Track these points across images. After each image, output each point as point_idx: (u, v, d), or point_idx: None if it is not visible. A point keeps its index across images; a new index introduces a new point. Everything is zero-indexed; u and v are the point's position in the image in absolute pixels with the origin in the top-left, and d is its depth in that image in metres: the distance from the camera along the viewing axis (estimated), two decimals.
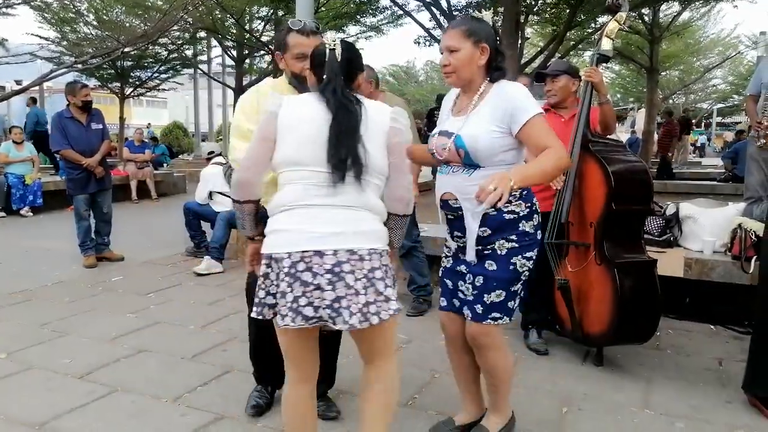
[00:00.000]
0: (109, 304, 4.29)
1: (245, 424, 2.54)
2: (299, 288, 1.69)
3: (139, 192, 10.56)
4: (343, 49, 1.86)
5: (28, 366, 3.14)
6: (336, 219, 1.74)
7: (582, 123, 3.09)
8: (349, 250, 1.70)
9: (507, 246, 2.13)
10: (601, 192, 2.96)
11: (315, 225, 1.72)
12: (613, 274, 2.92)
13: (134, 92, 16.98)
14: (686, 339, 3.63)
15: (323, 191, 1.75)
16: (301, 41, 2.25)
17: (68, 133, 5.40)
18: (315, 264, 1.68)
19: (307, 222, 1.73)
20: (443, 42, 2.13)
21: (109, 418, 2.58)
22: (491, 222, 2.12)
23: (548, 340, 3.47)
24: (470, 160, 2.10)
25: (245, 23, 13.79)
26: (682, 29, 15.98)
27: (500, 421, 2.35)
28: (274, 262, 1.75)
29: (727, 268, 3.71)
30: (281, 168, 1.85)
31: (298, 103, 1.87)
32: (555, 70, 3.38)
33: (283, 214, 1.78)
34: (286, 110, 1.84)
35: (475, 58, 2.08)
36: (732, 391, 2.86)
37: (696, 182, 10.57)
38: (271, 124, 1.84)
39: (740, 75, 25.36)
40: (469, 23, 2.10)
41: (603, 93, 3.17)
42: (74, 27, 13.73)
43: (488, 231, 2.13)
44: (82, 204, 5.48)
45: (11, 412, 2.63)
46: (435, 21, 10.45)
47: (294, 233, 1.73)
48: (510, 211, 2.12)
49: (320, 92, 1.84)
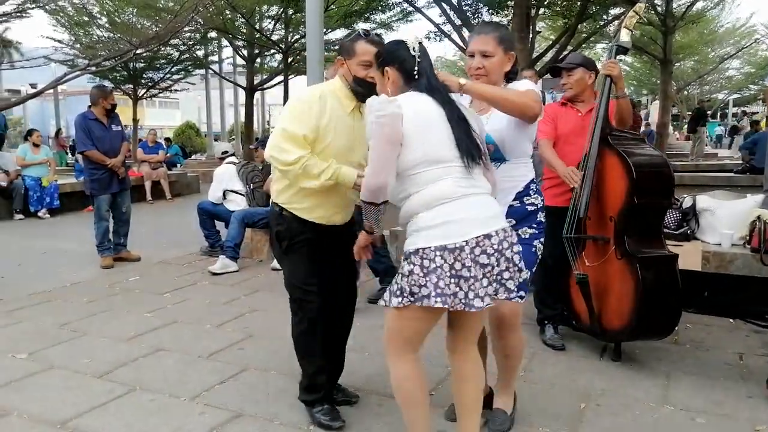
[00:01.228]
0: (127, 304, 4.33)
1: (262, 421, 2.55)
2: (480, 270, 1.84)
3: (153, 192, 10.66)
4: (420, 43, 2.00)
5: (49, 366, 3.18)
6: (486, 203, 1.93)
7: (601, 116, 3.06)
8: (503, 229, 1.92)
9: (530, 231, 2.32)
10: (622, 186, 2.93)
11: (476, 212, 1.88)
12: (635, 269, 2.89)
13: (147, 93, 17.11)
14: (705, 333, 3.59)
15: (467, 182, 1.91)
16: (369, 49, 2.31)
17: (92, 134, 5.48)
18: (487, 246, 1.85)
19: (468, 211, 1.87)
20: (477, 45, 2.25)
21: (128, 417, 2.61)
22: (516, 213, 2.30)
23: (565, 335, 3.45)
24: (499, 154, 2.27)
25: (255, 22, 13.81)
26: (697, 19, 15.73)
27: (510, 401, 2.50)
28: (449, 252, 1.82)
29: (746, 260, 3.67)
30: (419, 168, 1.90)
31: (417, 103, 1.93)
32: (570, 62, 3.34)
33: (440, 208, 1.87)
34: (408, 111, 1.89)
35: (504, 64, 2.26)
36: (753, 385, 2.83)
37: (713, 174, 10.42)
38: (397, 127, 1.88)
39: (756, 64, 24.98)
40: (501, 31, 2.30)
41: (621, 86, 3.14)
42: (87, 30, 13.86)
43: (514, 221, 2.27)
44: (104, 204, 5.55)
45: (33, 411, 2.67)
46: (445, 16, 10.38)
47: (463, 223, 1.85)
48: (531, 204, 2.32)
49: (427, 89, 1.95)
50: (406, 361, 1.99)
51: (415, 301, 1.85)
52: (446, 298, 1.82)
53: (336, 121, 2.38)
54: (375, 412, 2.61)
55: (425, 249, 1.83)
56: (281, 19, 13.60)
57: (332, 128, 2.37)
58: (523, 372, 3.04)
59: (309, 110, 2.35)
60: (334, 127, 2.38)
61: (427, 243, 1.84)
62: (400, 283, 1.89)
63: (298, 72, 15.31)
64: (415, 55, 1.97)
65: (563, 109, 3.38)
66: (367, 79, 2.31)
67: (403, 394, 2.01)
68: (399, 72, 2.00)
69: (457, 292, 1.83)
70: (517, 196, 2.30)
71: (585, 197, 3.04)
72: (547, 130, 3.32)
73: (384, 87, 2.06)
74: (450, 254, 1.82)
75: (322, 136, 2.36)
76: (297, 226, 2.47)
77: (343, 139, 2.40)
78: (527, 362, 3.16)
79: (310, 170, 2.31)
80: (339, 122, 2.39)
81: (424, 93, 1.95)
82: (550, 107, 3.49)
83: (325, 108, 2.36)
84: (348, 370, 2.81)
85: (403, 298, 1.86)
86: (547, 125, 3.33)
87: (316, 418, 2.51)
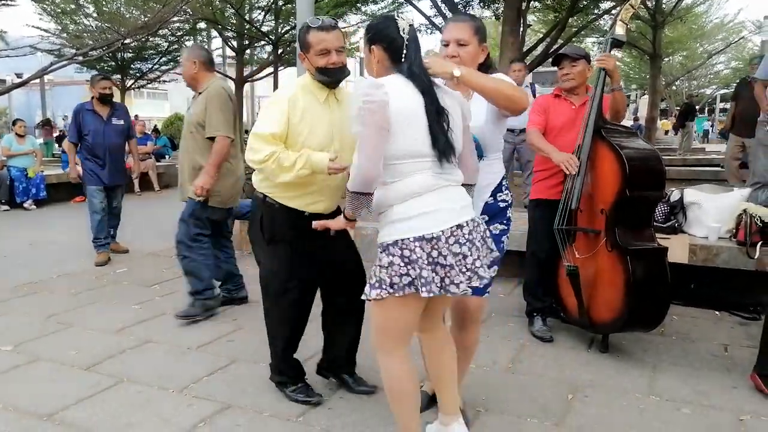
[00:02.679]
0: (115, 296, 4.30)
1: (251, 413, 2.55)
2: (452, 258, 1.86)
3: (141, 184, 10.57)
4: (411, 26, 1.93)
5: (35, 358, 3.15)
6: (458, 195, 1.95)
7: (595, 109, 3.06)
8: (472, 219, 1.95)
9: (500, 228, 2.33)
10: (615, 178, 2.94)
11: (449, 203, 1.90)
12: (626, 261, 2.91)
13: (135, 84, 16.94)
14: (691, 325, 3.62)
15: (440, 175, 1.90)
16: (323, 37, 2.35)
17: (84, 126, 5.31)
18: (459, 236, 1.88)
19: (442, 202, 1.89)
20: (452, 33, 2.20)
21: (115, 409, 2.59)
22: (489, 210, 2.30)
23: (553, 327, 3.47)
24: (479, 151, 2.23)
25: (245, 13, 13.71)
26: (685, 14, 15.83)
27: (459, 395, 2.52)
28: (426, 242, 1.84)
29: (732, 253, 3.70)
30: (395, 160, 1.87)
31: (399, 90, 1.87)
32: (576, 53, 3.27)
33: (414, 200, 1.88)
34: (393, 99, 1.84)
35: (478, 55, 2.22)
36: (738, 376, 2.86)
37: (700, 168, 10.49)
38: (386, 114, 1.83)
39: (744, 60, 25.17)
40: (477, 21, 2.25)
41: (616, 79, 3.14)
42: (74, 18, 13.68)
43: (487, 218, 2.28)
44: (96, 196, 5.33)
45: (19, 403, 2.64)
46: (436, 8, 10.36)
47: (440, 213, 1.87)
48: (502, 200, 2.33)
49: (409, 74, 1.89)
50: (396, 358, 1.99)
51: (396, 291, 1.86)
52: (430, 286, 1.83)
53: (311, 116, 2.42)
54: (364, 403, 2.61)
55: (404, 240, 1.84)
56: (271, 10, 13.51)
57: (307, 124, 2.40)
58: (511, 364, 3.06)
59: (276, 110, 2.40)
60: (309, 123, 2.41)
61: (406, 234, 1.85)
62: (378, 275, 1.88)
63: (288, 63, 15.23)
64: (405, 37, 1.91)
65: (556, 101, 3.36)
66: (329, 66, 2.36)
67: (395, 390, 2.02)
68: (386, 52, 1.94)
69: (435, 279, 1.85)
70: (492, 193, 2.30)
71: (577, 189, 3.05)
72: (538, 120, 3.31)
73: (369, 65, 2.01)
74: (428, 244, 1.84)
75: (295, 132, 2.39)
76: (280, 216, 2.51)
77: (320, 132, 2.42)
78: (516, 354, 3.18)
79: (282, 163, 2.35)
80: (314, 117, 2.43)
81: (405, 77, 1.89)
82: (542, 98, 3.48)
83: (296, 106, 2.39)
84: None
85: (382, 290, 1.87)
86: (539, 115, 3.32)
87: (291, 397, 2.61)
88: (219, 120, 3.61)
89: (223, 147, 3.63)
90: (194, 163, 3.72)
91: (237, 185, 3.90)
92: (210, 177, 3.62)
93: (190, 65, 3.75)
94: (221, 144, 3.62)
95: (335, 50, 2.36)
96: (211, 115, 3.61)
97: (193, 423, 2.47)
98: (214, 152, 3.62)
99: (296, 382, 2.66)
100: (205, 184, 3.61)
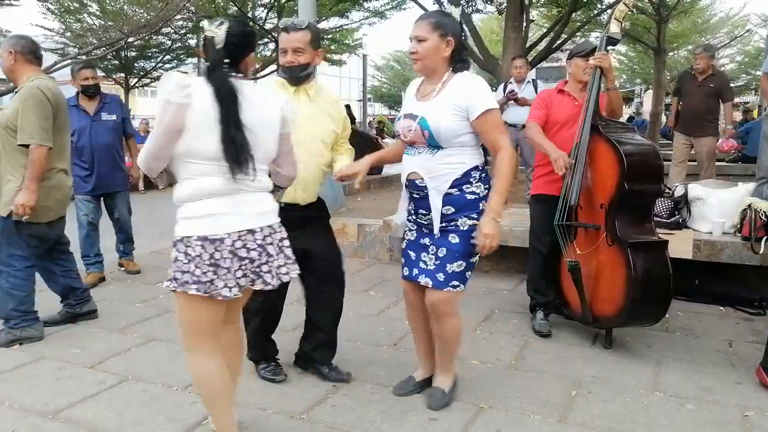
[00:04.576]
0: (119, 294, 4.32)
1: (255, 410, 2.56)
2: (237, 262, 1.93)
3: (145, 183, 10.61)
4: (227, 33, 1.92)
5: (40, 356, 3.17)
6: (255, 201, 1.98)
7: (591, 107, 3.06)
8: (269, 226, 2.01)
9: (469, 223, 2.32)
10: (613, 172, 2.94)
11: (242, 209, 1.94)
12: (626, 255, 2.90)
13: (139, 83, 16.97)
14: (695, 320, 3.61)
15: (235, 181, 1.90)
16: (283, 37, 2.55)
17: (70, 125, 4.19)
18: (249, 241, 1.94)
19: (233, 207, 1.92)
20: (412, 31, 2.31)
21: (120, 407, 2.60)
22: (454, 201, 2.31)
23: (557, 323, 3.47)
24: (434, 141, 2.28)
25: (248, 11, 13.70)
26: (690, 8, 15.73)
27: (449, 381, 2.60)
28: (209, 243, 1.89)
29: (736, 249, 3.69)
30: (190, 158, 1.90)
31: (203, 93, 1.86)
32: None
33: (205, 201, 1.91)
34: (197, 98, 1.84)
35: (440, 49, 2.27)
36: (742, 372, 2.86)
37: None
38: (180, 117, 1.83)
39: (749, 54, 25.01)
40: (438, 17, 2.32)
41: (611, 78, 3.13)
42: (78, 17, 13.70)
43: (452, 209, 2.32)
44: (82, 206, 4.54)
45: (25, 401, 2.66)
46: (438, 4, 10.34)
47: (229, 216, 1.91)
48: (471, 192, 2.32)
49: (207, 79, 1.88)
50: (201, 356, 2.03)
51: (178, 286, 1.92)
52: (201, 285, 1.89)
53: None
54: (368, 400, 2.62)
55: (189, 237, 1.90)
56: (274, 7, 13.49)
57: None
58: (515, 360, 3.06)
59: None
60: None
61: (191, 232, 1.91)
62: (170, 270, 1.96)
63: None
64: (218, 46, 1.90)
65: (559, 96, 3.34)
66: (285, 65, 2.56)
67: (204, 390, 2.08)
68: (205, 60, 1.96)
69: (214, 280, 1.91)
70: (455, 184, 2.29)
71: (576, 185, 3.05)
72: (539, 114, 3.30)
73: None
74: (211, 245, 1.89)
75: None
76: None
77: (300, 132, 2.37)
78: (519, 350, 3.18)
79: None
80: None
81: (208, 83, 1.88)
82: (546, 92, 3.46)
83: None
84: (341, 359, 2.85)
85: (171, 283, 1.94)
86: (540, 109, 3.31)
87: (261, 374, 2.82)
88: (33, 126, 3.09)
89: (40, 157, 3.11)
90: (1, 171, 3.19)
91: (66, 197, 3.42)
92: (31, 193, 3.10)
93: (6, 56, 3.23)
94: (37, 153, 3.10)
95: (291, 50, 2.52)
96: (24, 119, 3.09)
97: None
98: (30, 163, 3.10)
99: (268, 360, 2.83)
100: (28, 202, 3.09)
